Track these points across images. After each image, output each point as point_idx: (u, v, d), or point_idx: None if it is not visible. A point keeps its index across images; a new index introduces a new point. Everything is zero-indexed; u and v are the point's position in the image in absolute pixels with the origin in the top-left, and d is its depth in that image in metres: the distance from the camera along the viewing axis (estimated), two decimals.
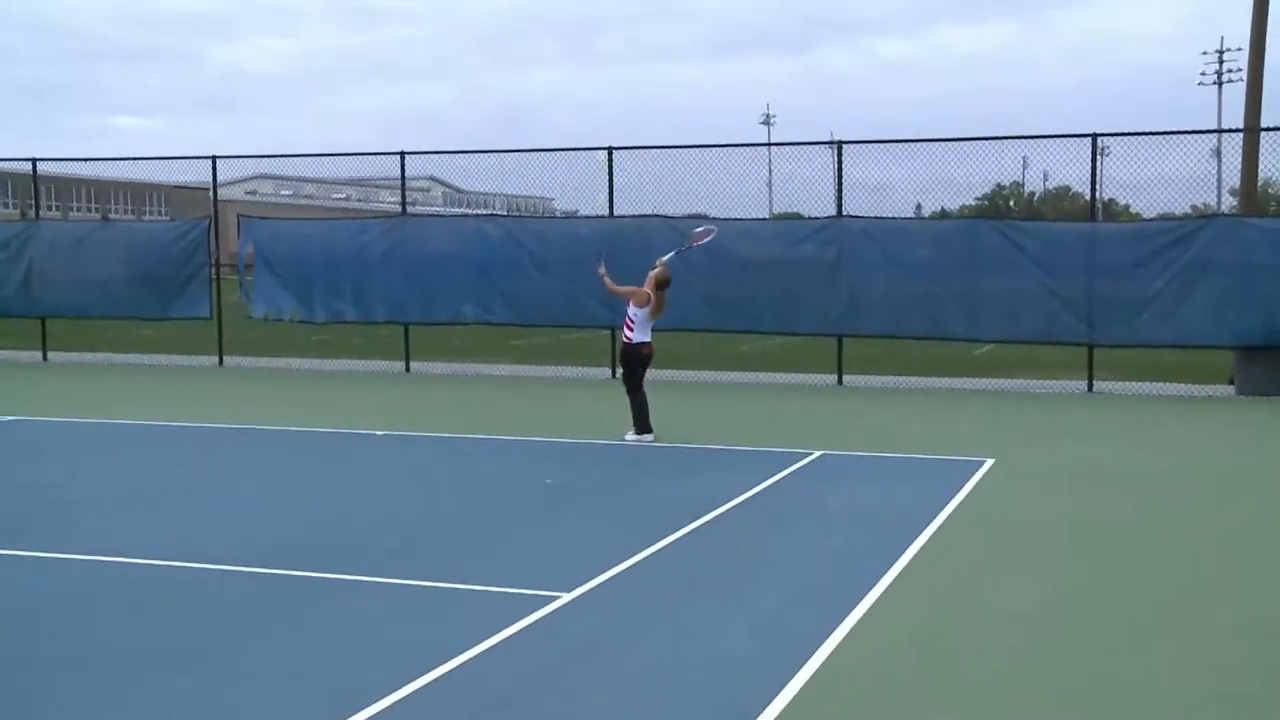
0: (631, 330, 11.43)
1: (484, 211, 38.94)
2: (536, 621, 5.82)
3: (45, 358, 19.87)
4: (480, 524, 8.08)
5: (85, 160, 22.55)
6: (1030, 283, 15.08)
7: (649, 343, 11.49)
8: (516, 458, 10.66)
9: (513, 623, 5.75)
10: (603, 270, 12.03)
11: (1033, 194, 53.51)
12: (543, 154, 17.52)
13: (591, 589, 6.39)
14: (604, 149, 16.66)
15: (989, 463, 10.05)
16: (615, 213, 16.64)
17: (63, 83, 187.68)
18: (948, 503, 8.49)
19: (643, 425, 11.39)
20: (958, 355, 17.92)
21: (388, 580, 6.63)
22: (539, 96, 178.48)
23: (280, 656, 5.42)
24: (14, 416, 12.92)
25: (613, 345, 15.92)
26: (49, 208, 55.43)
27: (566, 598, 6.22)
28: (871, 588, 6.34)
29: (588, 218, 17.39)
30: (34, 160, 20.29)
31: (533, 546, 7.46)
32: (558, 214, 24.62)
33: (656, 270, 11.56)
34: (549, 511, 8.49)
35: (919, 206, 19.78)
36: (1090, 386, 15.09)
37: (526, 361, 18.37)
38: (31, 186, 21.61)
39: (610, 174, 16.58)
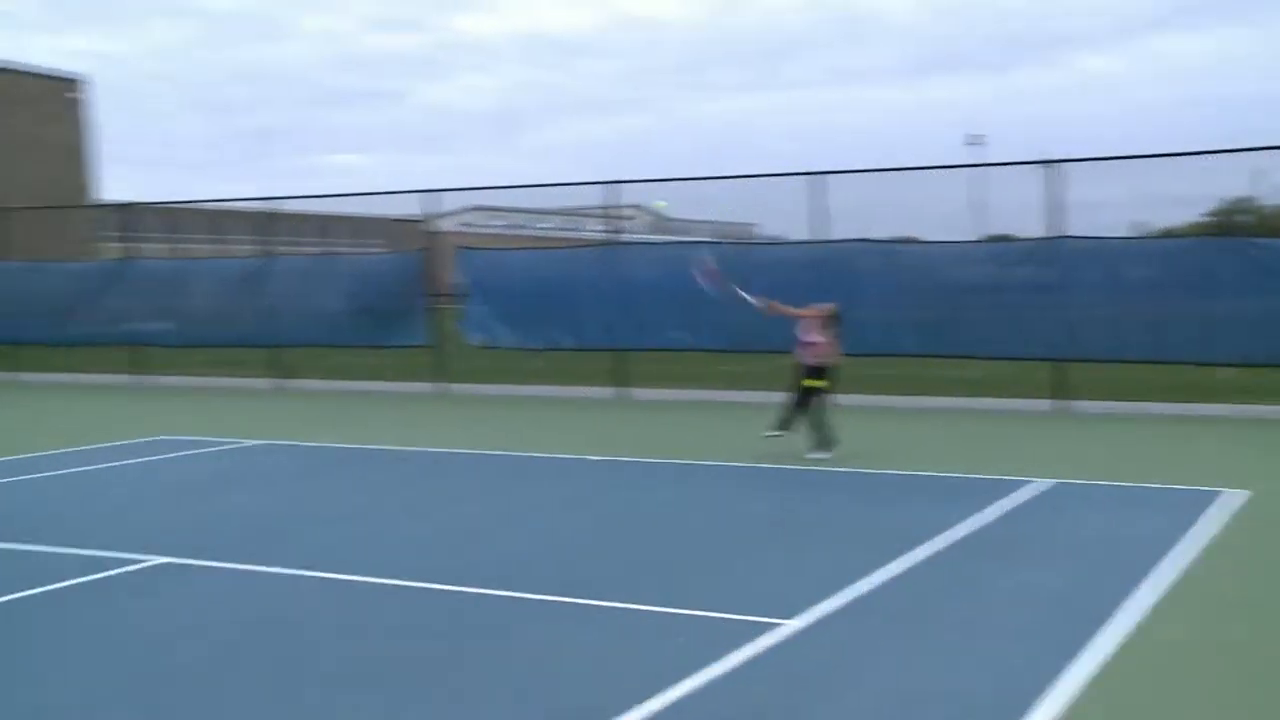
0: (811, 349, 11.73)
1: (690, 238, 39.40)
2: (760, 649, 5.72)
3: (282, 385, 21.10)
4: (699, 549, 8.07)
5: (315, 197, 24.06)
6: (1273, 301, 14.20)
7: (821, 364, 11.78)
8: (732, 483, 10.65)
9: (734, 649, 5.67)
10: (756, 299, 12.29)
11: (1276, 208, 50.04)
12: (746, 180, 17.55)
13: (816, 617, 6.26)
14: (811, 174, 16.59)
15: (1234, 494, 9.42)
16: (821, 237, 16.54)
17: (281, 127, 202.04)
18: (1183, 536, 7.99)
19: (781, 424, 11.83)
20: (1193, 380, 16.83)
21: (607, 604, 6.65)
22: (736, 123, 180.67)
23: (501, 677, 5.49)
24: (255, 440, 13.75)
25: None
26: (281, 243, 59.09)
27: (790, 626, 6.09)
28: (1104, 626, 6.00)
29: (794, 243, 17.31)
30: (269, 198, 21.91)
31: (752, 573, 7.39)
32: (762, 240, 24.78)
33: (827, 307, 11.92)
34: (767, 537, 8.39)
35: (1141, 224, 18.92)
36: None
37: (737, 387, 18.26)
38: (265, 224, 23.32)
39: (816, 199, 16.52)
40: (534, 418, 15.96)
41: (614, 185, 18.38)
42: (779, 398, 14.39)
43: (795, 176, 16.92)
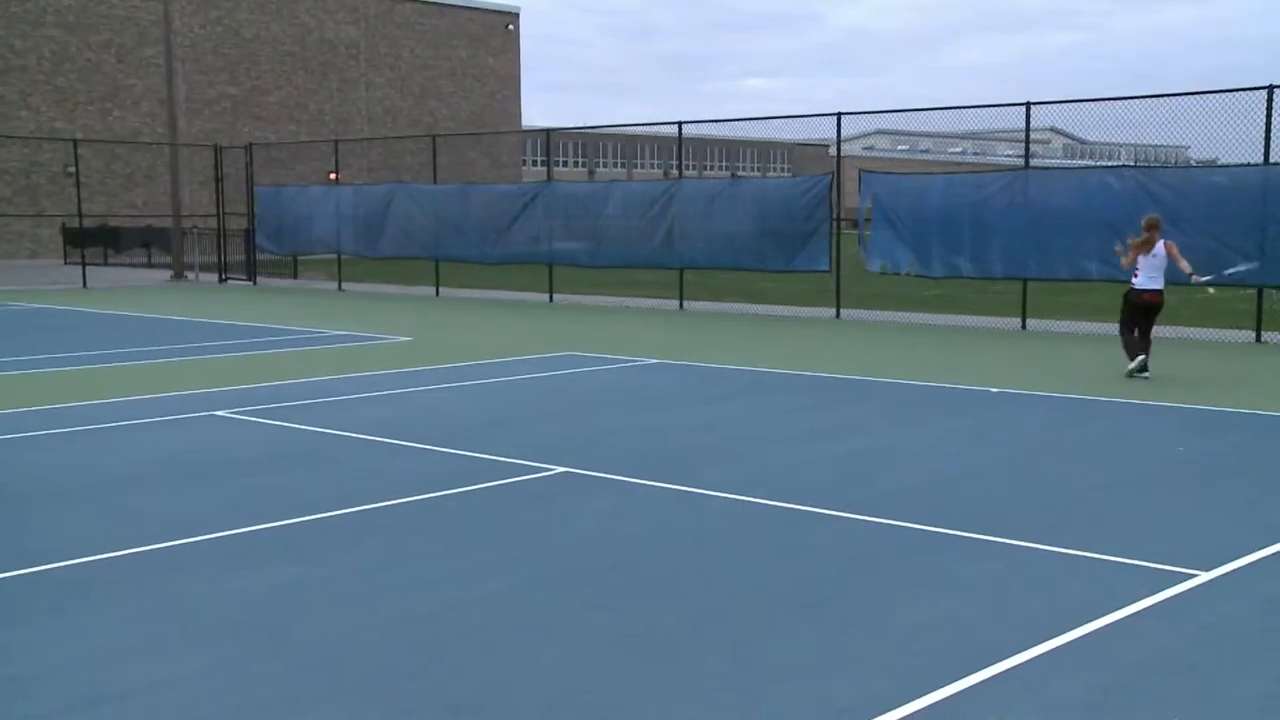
0: (1135, 277, 13.01)
1: (1110, 163, 38.84)
2: (1168, 599, 5.63)
3: (681, 306, 22.16)
4: (1105, 490, 7.90)
5: (719, 121, 23.28)
6: None
7: (1143, 290, 12.87)
8: (1142, 423, 10.42)
9: (1141, 598, 5.60)
10: (1119, 249, 13.21)
11: None
12: (1174, 100, 16.90)
13: (1234, 570, 6.04)
14: (1263, 88, 15.80)
15: None
16: (1272, 160, 15.80)
17: (697, 52, 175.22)
18: None
19: (1130, 356, 12.79)
20: None
21: (1009, 541, 6.65)
22: (1168, 38, 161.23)
23: (905, 608, 5.60)
24: (655, 360, 14.64)
25: None
26: (688, 167, 56.18)
27: (1204, 577, 5.92)
28: None
29: (1230, 166, 16.73)
30: (680, 124, 21.91)
31: (1164, 518, 7.15)
32: (1192, 163, 23.37)
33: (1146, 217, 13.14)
34: (1181, 482, 8.15)
35: None
36: None
37: (1164, 322, 16.50)
38: (674, 149, 23.64)
39: (1269, 116, 15.71)
40: (933, 347, 15.93)
41: (1026, 107, 17.80)
42: (1192, 332, 14.85)
43: (1237, 93, 16.05)
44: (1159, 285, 12.97)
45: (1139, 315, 12.98)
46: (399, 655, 5.07)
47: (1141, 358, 12.73)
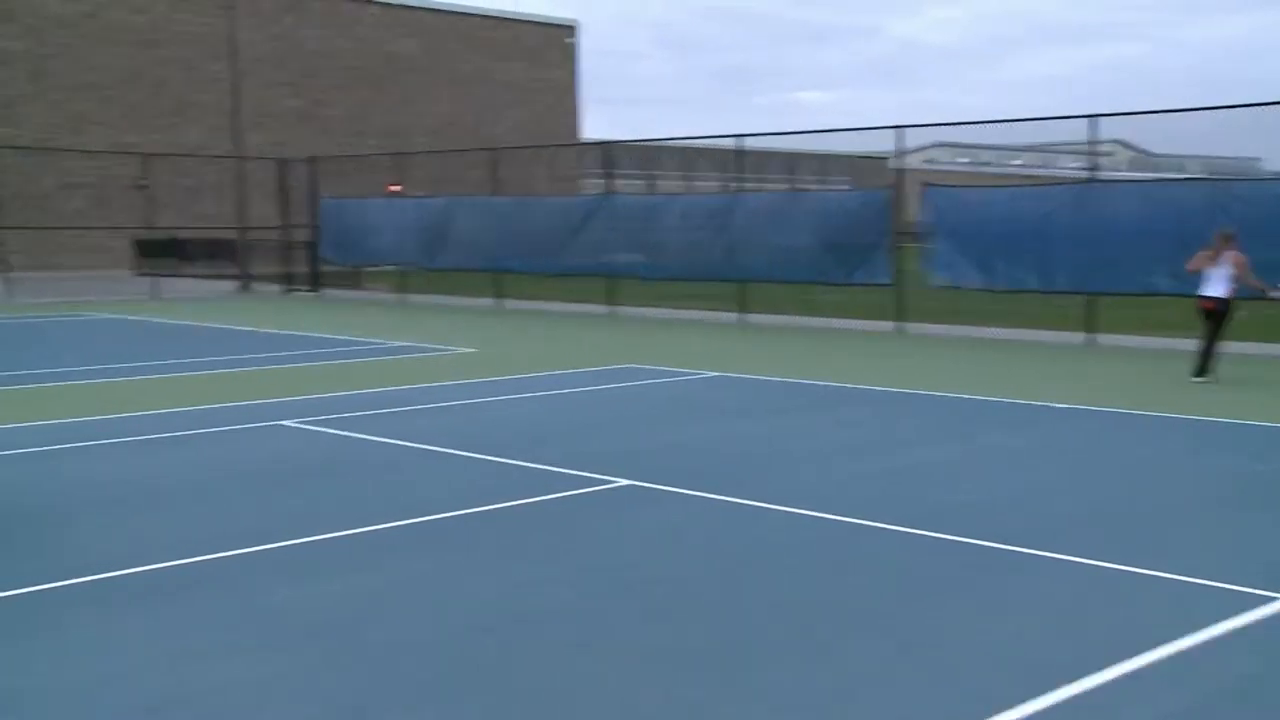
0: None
1: (1178, 175, 37.51)
2: (1248, 623, 5.48)
3: (741, 319, 22.08)
4: (1179, 508, 7.84)
5: (779, 134, 24.50)
6: None
7: (1204, 296, 13.49)
8: (1218, 439, 10.31)
9: (1220, 620, 5.47)
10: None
11: None
12: (1243, 111, 16.80)
13: None
14: None
15: None
16: None
17: (752, 65, 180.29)
18: None
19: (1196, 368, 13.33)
20: None
21: (1076, 559, 6.54)
22: (1239, 48, 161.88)
23: (969, 627, 5.53)
24: (715, 373, 14.64)
25: None
26: (747, 180, 59.77)
27: None
28: None
29: None
30: (739, 136, 22.37)
31: (1243, 538, 7.03)
32: (1265, 176, 23.22)
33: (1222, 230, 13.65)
34: (1260, 500, 8.01)
35: None
36: None
37: (1246, 337, 15.74)
38: (733, 161, 24.27)
39: None
40: (998, 360, 15.99)
41: (1091, 119, 17.74)
42: (1273, 348, 14.90)
43: None
44: (1213, 292, 13.45)
45: (1201, 320, 13.58)
46: (463, 666, 5.11)
47: (1201, 375, 13.41)
